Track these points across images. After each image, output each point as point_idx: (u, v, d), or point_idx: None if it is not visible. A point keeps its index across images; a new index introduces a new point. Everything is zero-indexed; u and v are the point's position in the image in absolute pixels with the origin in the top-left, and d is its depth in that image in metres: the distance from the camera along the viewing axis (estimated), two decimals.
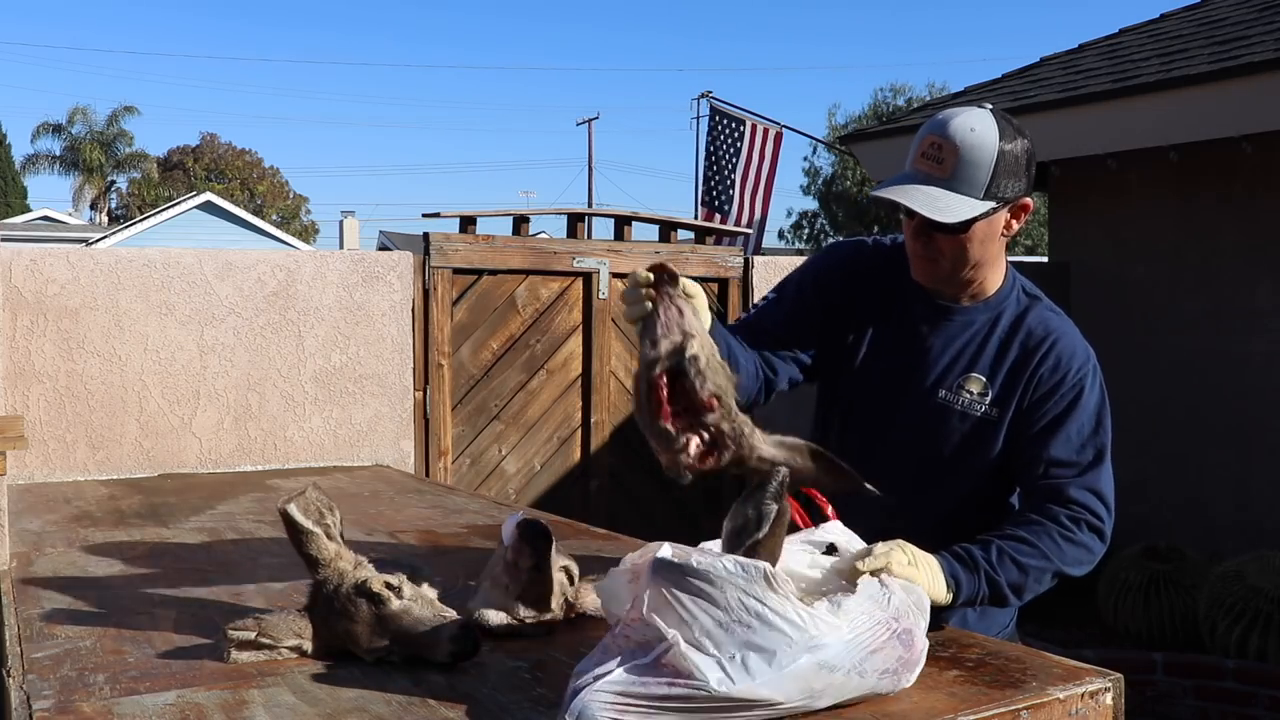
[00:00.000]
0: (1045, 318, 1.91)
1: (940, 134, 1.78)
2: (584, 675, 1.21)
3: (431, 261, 4.26)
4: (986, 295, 1.92)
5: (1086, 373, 1.87)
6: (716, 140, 9.96)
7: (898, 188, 1.80)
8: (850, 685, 1.26)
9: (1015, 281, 1.95)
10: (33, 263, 3.49)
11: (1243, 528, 5.22)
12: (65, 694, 1.37)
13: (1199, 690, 4.36)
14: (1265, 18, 5.39)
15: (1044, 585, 1.82)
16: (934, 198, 1.77)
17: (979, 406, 1.88)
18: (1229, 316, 5.42)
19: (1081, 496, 1.80)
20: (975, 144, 1.76)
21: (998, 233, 1.85)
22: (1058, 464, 1.82)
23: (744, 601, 1.22)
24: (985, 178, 1.77)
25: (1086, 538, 1.79)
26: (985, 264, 1.88)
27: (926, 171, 1.79)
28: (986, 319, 1.91)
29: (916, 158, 1.81)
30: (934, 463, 1.91)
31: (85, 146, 42.61)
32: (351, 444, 3.94)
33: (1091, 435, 1.84)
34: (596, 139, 38.31)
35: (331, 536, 1.51)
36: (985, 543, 1.75)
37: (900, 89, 30.73)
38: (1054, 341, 1.87)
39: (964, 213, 1.77)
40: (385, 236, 25.15)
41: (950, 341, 1.92)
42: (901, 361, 1.94)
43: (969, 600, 1.70)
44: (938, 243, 1.84)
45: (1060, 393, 1.85)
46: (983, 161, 1.77)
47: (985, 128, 1.77)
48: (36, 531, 2.52)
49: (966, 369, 1.90)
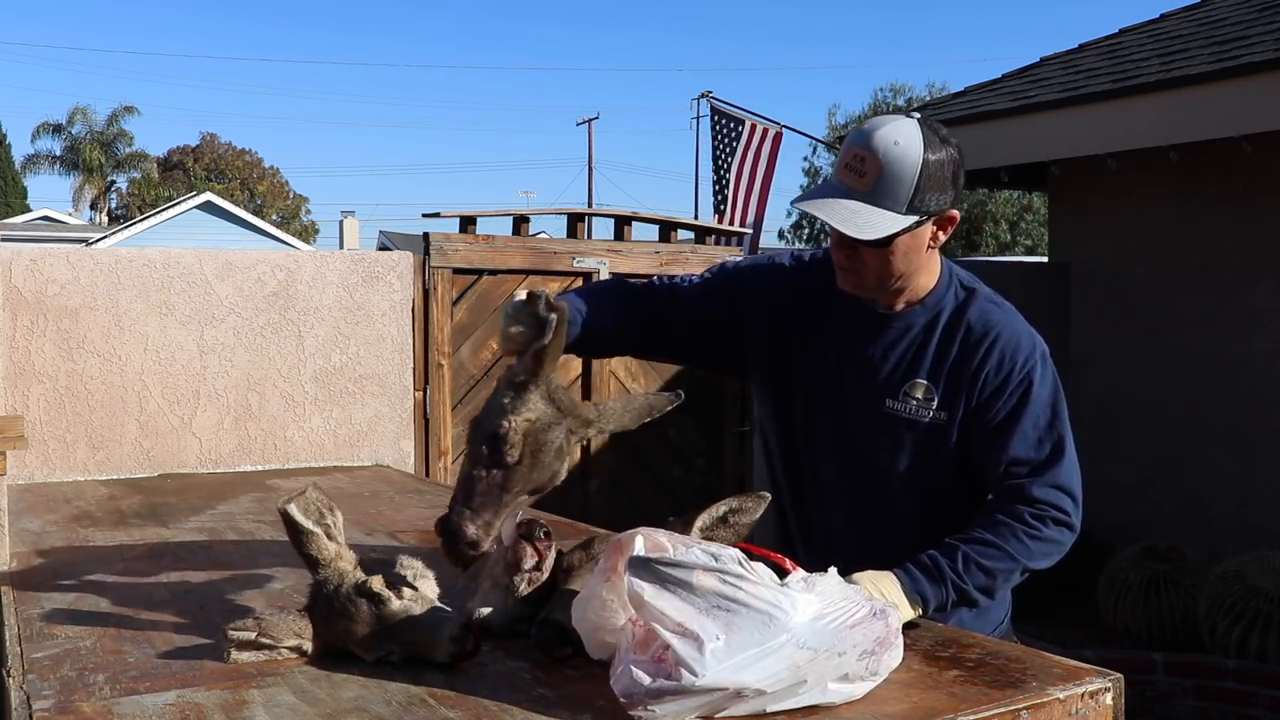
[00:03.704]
0: (985, 311, 1.86)
1: (863, 146, 1.74)
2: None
3: (431, 261, 4.26)
4: (921, 298, 1.88)
5: (1034, 364, 1.83)
6: (717, 140, 9.97)
7: (819, 201, 1.77)
8: (830, 666, 1.26)
9: (952, 277, 1.91)
10: (33, 263, 3.49)
11: (1243, 528, 5.22)
12: (65, 694, 1.37)
13: (1199, 690, 4.36)
14: (1265, 18, 5.39)
15: (1014, 582, 1.83)
16: (854, 212, 1.73)
17: (926, 412, 1.85)
18: (1229, 316, 5.42)
19: (1045, 494, 1.78)
20: (897, 157, 1.71)
21: (923, 245, 1.81)
22: (1017, 463, 1.80)
23: (720, 588, 1.24)
24: (907, 192, 1.73)
25: (1053, 532, 1.78)
26: (912, 274, 1.84)
27: (848, 184, 1.75)
28: (924, 321, 1.87)
29: (840, 169, 1.77)
30: (894, 472, 1.88)
31: (85, 146, 42.62)
32: (351, 444, 3.94)
33: (1048, 428, 1.81)
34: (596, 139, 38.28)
35: (332, 536, 1.51)
36: (951, 549, 1.74)
37: (900, 89, 30.77)
38: (995, 337, 1.83)
39: (883, 228, 1.73)
40: (385, 236, 25.13)
41: (890, 349, 1.88)
42: (845, 374, 1.91)
43: (938, 609, 1.72)
44: (861, 255, 1.80)
45: (1009, 390, 1.81)
46: (905, 175, 1.72)
47: (909, 140, 1.72)
48: (36, 531, 2.52)
49: (909, 375, 1.86)
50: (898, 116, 1.77)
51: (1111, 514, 5.51)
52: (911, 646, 1.49)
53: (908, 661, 1.42)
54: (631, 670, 1.22)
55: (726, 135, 9.92)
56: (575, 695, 1.35)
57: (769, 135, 9.81)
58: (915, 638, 1.54)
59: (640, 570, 1.25)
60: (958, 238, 26.94)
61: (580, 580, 1.53)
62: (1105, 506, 5.49)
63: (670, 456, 4.77)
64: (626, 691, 1.22)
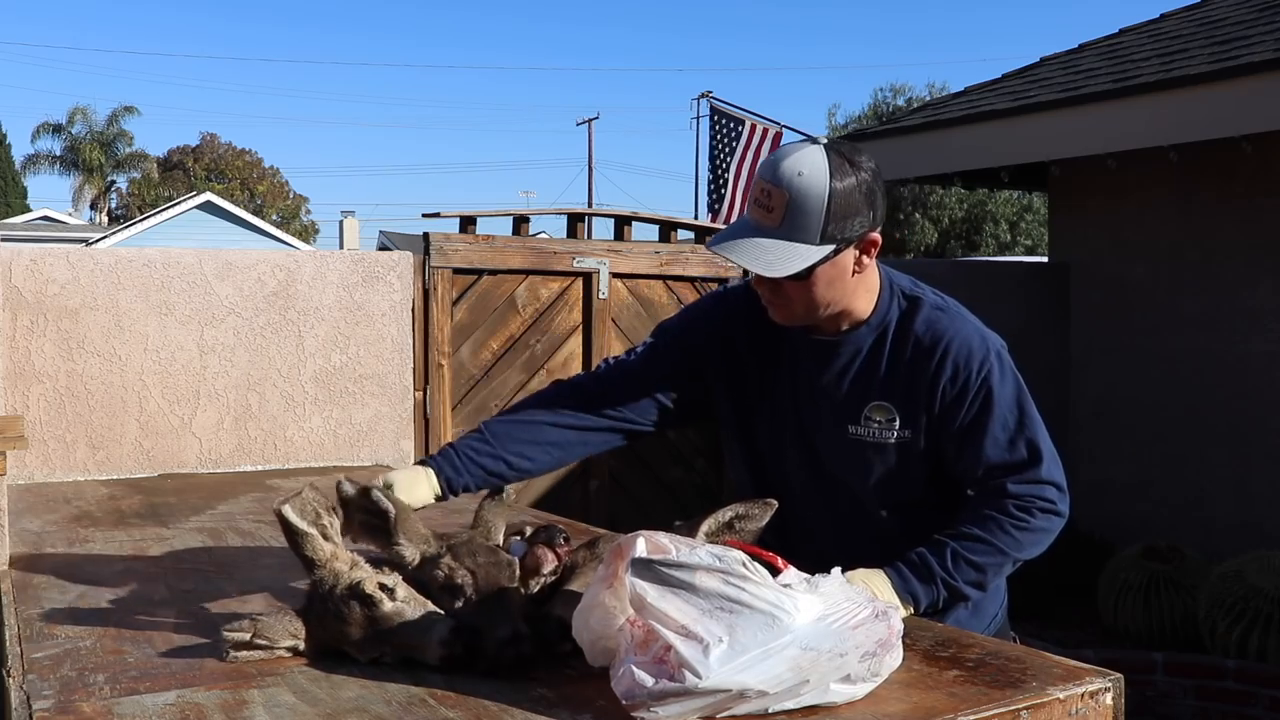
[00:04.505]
0: (931, 320, 1.82)
1: (769, 180, 1.69)
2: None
3: (431, 261, 4.26)
4: (864, 318, 1.84)
5: (990, 367, 1.79)
6: (716, 140, 9.97)
7: (729, 242, 1.73)
8: (832, 667, 1.26)
9: (893, 290, 1.86)
10: (33, 263, 3.49)
11: (1243, 528, 5.22)
12: (65, 694, 1.37)
13: (1199, 690, 4.36)
14: (1265, 18, 5.39)
15: (1004, 574, 1.82)
16: (764, 249, 1.69)
17: (890, 434, 1.82)
18: (1229, 316, 5.42)
19: (1028, 489, 1.77)
20: (802, 189, 1.66)
21: (847, 272, 1.76)
22: (994, 467, 1.79)
23: (723, 590, 1.24)
24: (818, 223, 1.67)
25: (1040, 521, 1.77)
26: (842, 300, 1.80)
27: (758, 221, 1.71)
28: (871, 341, 1.84)
29: (751, 205, 1.73)
30: (870, 494, 1.87)
31: (85, 146, 42.62)
32: (351, 444, 3.94)
33: (1018, 429, 1.79)
34: (596, 139, 38.34)
35: (328, 537, 1.51)
36: (939, 546, 1.74)
37: (900, 89, 30.72)
38: (946, 345, 1.79)
39: (795, 264, 1.69)
40: (385, 236, 25.13)
41: (842, 375, 1.85)
42: (803, 407, 1.89)
43: (929, 607, 1.72)
44: (784, 290, 1.76)
45: (969, 398, 1.79)
46: (812, 207, 1.67)
47: (814, 169, 1.67)
48: (36, 531, 2.52)
49: (865, 398, 1.83)
50: (804, 145, 1.72)
51: (1111, 514, 5.52)
52: (911, 647, 1.49)
53: (908, 662, 1.42)
54: (633, 671, 1.22)
55: (726, 135, 9.92)
56: (575, 695, 1.35)
57: (769, 135, 9.82)
58: (915, 638, 1.54)
59: (643, 571, 1.25)
60: (958, 238, 26.95)
61: (583, 579, 1.53)
62: (1105, 506, 5.51)
63: (670, 456, 4.77)
64: (629, 693, 1.22)
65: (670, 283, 4.74)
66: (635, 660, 1.24)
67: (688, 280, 4.75)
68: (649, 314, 4.68)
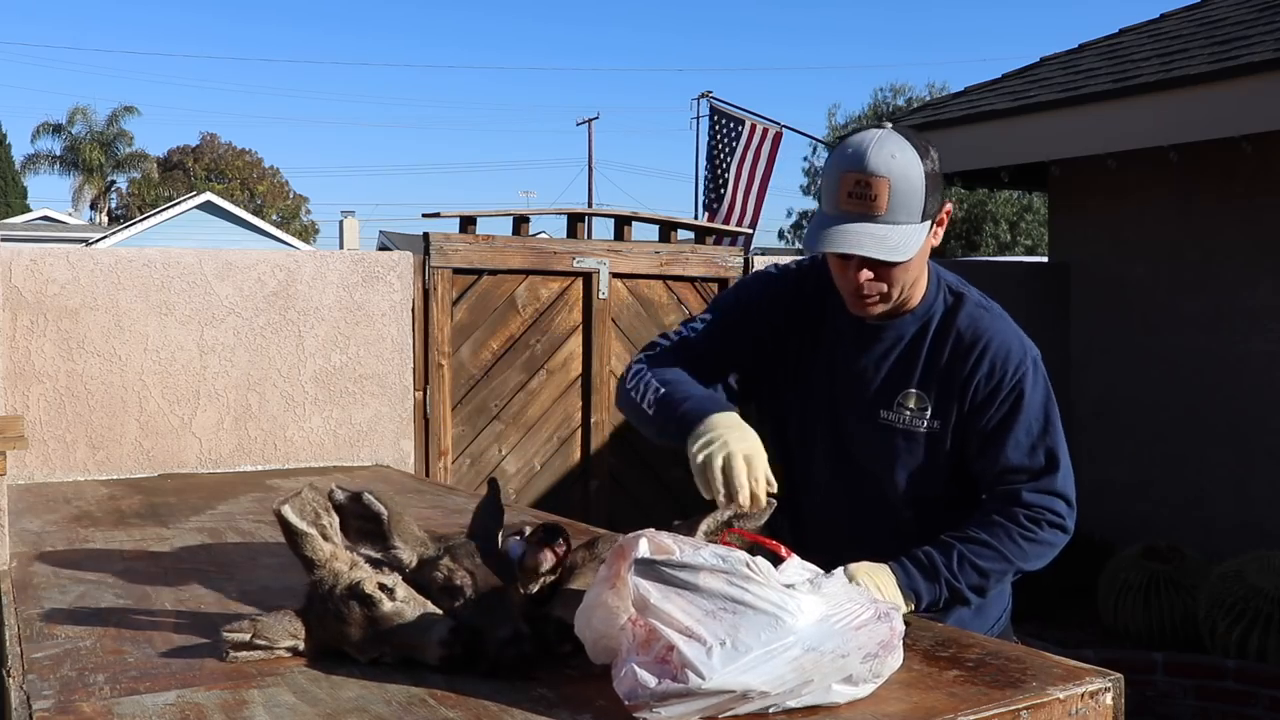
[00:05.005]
0: (974, 317, 1.85)
1: (862, 170, 1.70)
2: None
3: (431, 261, 4.26)
4: (911, 306, 1.86)
5: (1025, 372, 1.82)
6: (715, 140, 9.96)
7: (841, 237, 1.72)
8: (834, 668, 1.26)
9: (940, 283, 1.90)
10: (33, 263, 3.49)
11: (1243, 528, 5.22)
12: (65, 694, 1.37)
13: (1199, 690, 4.36)
14: (1265, 18, 5.39)
15: (1006, 581, 1.84)
16: (882, 238, 1.71)
17: (920, 422, 1.84)
18: (1229, 316, 5.42)
19: (1040, 500, 1.79)
20: (903, 173, 1.70)
21: (929, 249, 1.80)
22: (1012, 470, 1.80)
23: (726, 590, 1.24)
24: (919, 202, 1.72)
25: (1048, 535, 1.79)
26: (919, 279, 1.84)
27: (860, 211, 1.71)
28: (915, 329, 1.86)
29: (843, 198, 1.72)
30: (891, 482, 1.89)
31: (85, 146, 42.61)
32: (351, 444, 3.94)
33: (1041, 436, 1.81)
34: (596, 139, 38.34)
35: (328, 537, 1.50)
36: (946, 547, 1.75)
37: (900, 89, 30.75)
38: (986, 344, 1.82)
39: (913, 245, 1.73)
40: (385, 236, 25.14)
41: (882, 359, 1.87)
42: (839, 387, 1.90)
43: (930, 606, 1.73)
44: (885, 274, 1.77)
45: (1000, 397, 1.81)
46: (914, 188, 1.71)
47: (903, 151, 1.71)
48: (36, 531, 2.52)
49: (901, 385, 1.86)
50: (873, 132, 1.74)
51: (1111, 514, 5.52)
52: (911, 646, 1.49)
53: (908, 661, 1.42)
54: (636, 671, 1.22)
55: (726, 135, 9.90)
56: (575, 695, 1.35)
57: (769, 135, 9.79)
58: (915, 638, 1.54)
59: (646, 572, 1.25)
60: (958, 238, 26.94)
61: (583, 579, 1.53)
62: (1105, 506, 5.51)
63: (670, 456, 4.75)
64: (631, 693, 1.22)
65: (670, 283, 4.74)
66: (637, 660, 1.23)
67: (688, 280, 4.75)
68: (649, 314, 4.69)
